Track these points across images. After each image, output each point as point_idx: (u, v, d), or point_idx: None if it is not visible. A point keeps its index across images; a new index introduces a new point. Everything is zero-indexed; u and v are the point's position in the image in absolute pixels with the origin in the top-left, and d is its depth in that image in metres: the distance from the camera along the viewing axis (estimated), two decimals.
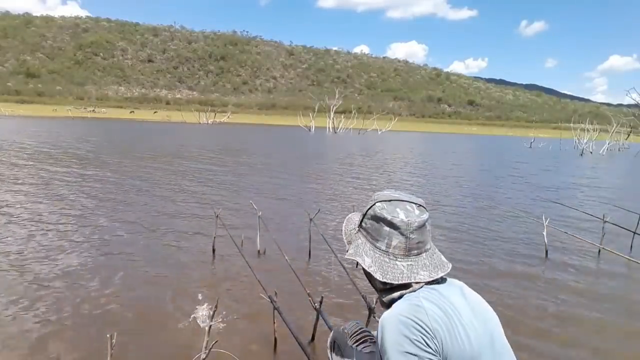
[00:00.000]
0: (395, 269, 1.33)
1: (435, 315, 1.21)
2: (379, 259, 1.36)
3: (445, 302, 1.27)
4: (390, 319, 1.24)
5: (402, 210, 1.36)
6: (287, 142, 28.13)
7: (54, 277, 3.79)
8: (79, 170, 10.40)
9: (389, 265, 1.35)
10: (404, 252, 1.35)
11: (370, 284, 1.44)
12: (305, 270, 4.26)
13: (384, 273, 1.33)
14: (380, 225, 1.37)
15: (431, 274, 1.33)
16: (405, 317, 1.21)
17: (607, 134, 39.78)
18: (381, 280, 1.34)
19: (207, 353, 1.90)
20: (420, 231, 1.36)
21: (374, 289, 1.43)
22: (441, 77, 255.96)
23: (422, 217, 1.36)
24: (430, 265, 1.35)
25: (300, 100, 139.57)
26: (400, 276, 1.32)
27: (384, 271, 1.34)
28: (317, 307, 2.68)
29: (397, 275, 1.32)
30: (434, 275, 1.33)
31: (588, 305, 3.81)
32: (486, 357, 1.23)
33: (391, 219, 1.35)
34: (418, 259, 1.35)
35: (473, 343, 1.22)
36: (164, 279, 3.90)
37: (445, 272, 1.36)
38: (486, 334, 1.28)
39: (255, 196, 7.83)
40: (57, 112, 69.90)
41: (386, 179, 11.93)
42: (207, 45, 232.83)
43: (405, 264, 1.34)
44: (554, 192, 10.61)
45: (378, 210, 1.38)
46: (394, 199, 1.39)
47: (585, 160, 24.68)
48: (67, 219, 5.78)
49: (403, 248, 1.35)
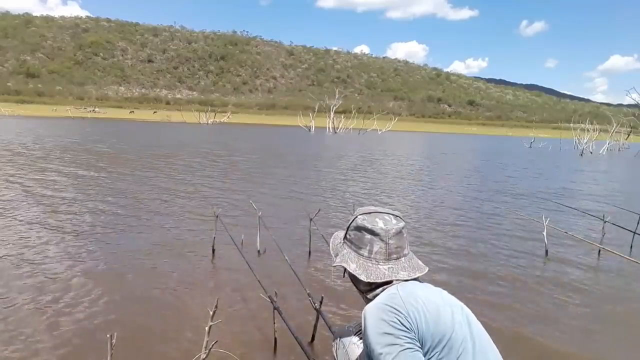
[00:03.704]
0: (377, 271, 1.50)
1: (409, 298, 1.37)
2: (363, 264, 1.53)
3: (419, 289, 1.44)
4: (370, 307, 1.39)
5: (381, 219, 1.54)
6: (287, 142, 28.12)
7: (54, 277, 3.79)
8: (78, 170, 10.40)
9: (372, 268, 1.51)
10: (385, 256, 1.52)
11: (356, 287, 1.61)
12: (305, 270, 4.26)
13: (368, 275, 1.50)
14: (362, 234, 1.55)
15: (410, 274, 1.50)
16: (383, 303, 1.37)
17: (607, 134, 39.75)
18: (366, 281, 1.50)
19: (207, 353, 1.90)
20: (398, 237, 1.53)
21: (359, 291, 1.60)
22: (441, 77, 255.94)
23: (399, 225, 1.55)
24: (408, 267, 1.52)
25: (300, 100, 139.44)
26: (383, 276, 1.49)
27: (368, 273, 1.51)
28: (317, 307, 2.68)
29: (380, 276, 1.49)
30: (412, 275, 1.50)
31: (588, 305, 3.81)
32: (463, 335, 1.35)
33: (371, 227, 1.53)
34: (398, 263, 1.52)
35: (447, 322, 1.35)
36: (163, 279, 3.90)
37: (422, 273, 1.52)
38: (462, 317, 1.41)
39: (255, 196, 7.83)
40: (57, 112, 69.85)
41: (386, 178, 11.93)
42: (207, 45, 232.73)
43: (386, 267, 1.51)
44: (554, 192, 10.60)
45: (360, 221, 1.56)
46: (372, 212, 1.58)
47: (585, 160, 24.68)
48: (66, 219, 5.78)
49: (384, 253, 1.52)
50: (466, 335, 1.35)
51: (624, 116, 48.03)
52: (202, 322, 2.88)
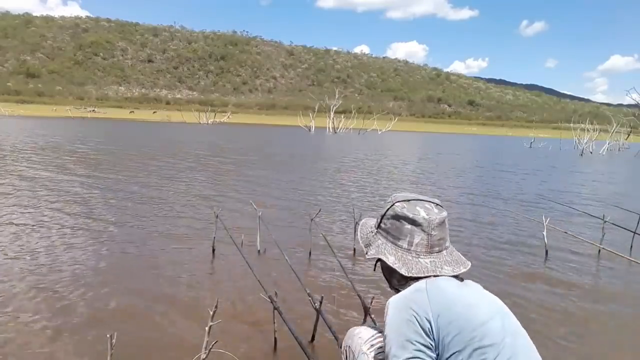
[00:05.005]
0: (419, 265, 1.36)
1: (436, 296, 1.25)
2: (402, 257, 1.38)
3: (452, 286, 1.30)
4: (393, 300, 1.30)
5: (422, 208, 1.40)
6: (287, 142, 28.12)
7: (53, 277, 3.78)
8: (77, 170, 10.40)
9: (412, 262, 1.37)
10: (427, 249, 1.38)
11: (388, 282, 1.47)
12: (306, 271, 4.26)
13: (409, 269, 1.36)
14: (402, 224, 1.40)
15: (454, 269, 1.38)
16: (406, 298, 1.27)
17: (607, 134, 39.76)
18: (407, 276, 1.36)
19: (207, 353, 1.90)
20: (441, 228, 1.41)
21: (390, 284, 1.47)
22: (441, 77, 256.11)
23: (441, 214, 1.41)
24: (452, 261, 1.40)
25: (300, 100, 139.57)
26: (425, 270, 1.35)
27: (408, 267, 1.36)
28: (317, 307, 2.68)
29: (422, 270, 1.35)
30: (457, 271, 1.37)
31: (588, 305, 3.81)
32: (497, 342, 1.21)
33: (413, 216, 1.38)
34: (440, 256, 1.40)
35: (477, 327, 1.22)
36: (163, 279, 3.90)
37: (466, 269, 1.41)
38: (502, 323, 1.26)
39: (255, 196, 7.83)
40: (57, 112, 69.84)
41: (386, 178, 11.92)
42: (207, 45, 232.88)
43: (428, 260, 1.37)
44: (554, 192, 10.60)
45: (399, 209, 1.41)
46: (412, 199, 1.43)
47: (585, 160, 24.68)
48: (65, 219, 5.77)
49: (425, 245, 1.38)
50: (501, 343, 1.21)
51: (624, 116, 48.06)
52: (202, 322, 2.88)
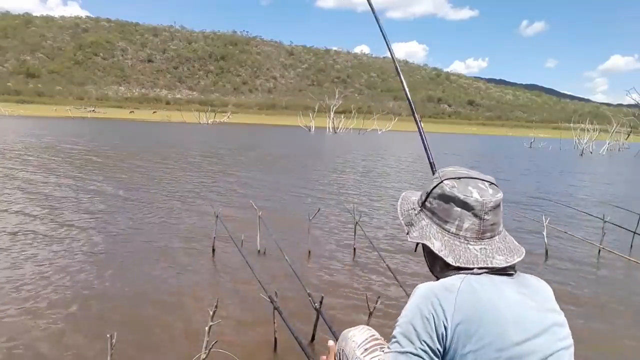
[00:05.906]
0: (468, 253, 1.20)
1: (465, 302, 1.09)
2: (448, 242, 1.22)
3: (491, 292, 1.12)
4: (421, 289, 1.16)
5: (475, 188, 1.22)
6: (287, 143, 28.12)
7: (53, 277, 3.79)
8: (76, 170, 10.40)
9: (460, 248, 1.21)
10: (477, 234, 1.21)
11: (429, 267, 1.31)
12: (305, 270, 4.26)
13: (456, 257, 1.19)
14: (451, 206, 1.23)
15: (507, 259, 1.20)
16: (433, 293, 1.12)
17: (607, 134, 39.77)
18: (454, 265, 1.19)
19: (207, 353, 1.90)
20: (495, 212, 1.22)
21: (431, 270, 1.30)
22: (441, 77, 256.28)
23: (497, 196, 1.23)
24: (505, 249, 1.22)
25: (300, 100, 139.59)
26: (475, 260, 1.19)
27: (456, 255, 1.20)
28: (317, 307, 2.68)
29: (472, 259, 1.19)
30: (510, 261, 1.20)
31: (588, 305, 3.81)
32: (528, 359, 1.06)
33: (464, 198, 1.20)
34: (491, 242, 1.22)
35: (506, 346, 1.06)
36: (163, 279, 3.90)
37: (520, 257, 1.23)
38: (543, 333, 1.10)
39: (255, 196, 7.83)
40: (57, 112, 69.86)
41: (385, 178, 11.93)
42: (207, 45, 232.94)
43: (478, 247, 1.21)
44: (554, 192, 10.60)
45: (448, 189, 1.23)
46: (463, 176, 1.25)
47: (585, 160, 24.68)
48: (65, 219, 5.78)
49: (476, 230, 1.21)
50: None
51: (624, 116, 48.06)
52: (202, 322, 2.88)
